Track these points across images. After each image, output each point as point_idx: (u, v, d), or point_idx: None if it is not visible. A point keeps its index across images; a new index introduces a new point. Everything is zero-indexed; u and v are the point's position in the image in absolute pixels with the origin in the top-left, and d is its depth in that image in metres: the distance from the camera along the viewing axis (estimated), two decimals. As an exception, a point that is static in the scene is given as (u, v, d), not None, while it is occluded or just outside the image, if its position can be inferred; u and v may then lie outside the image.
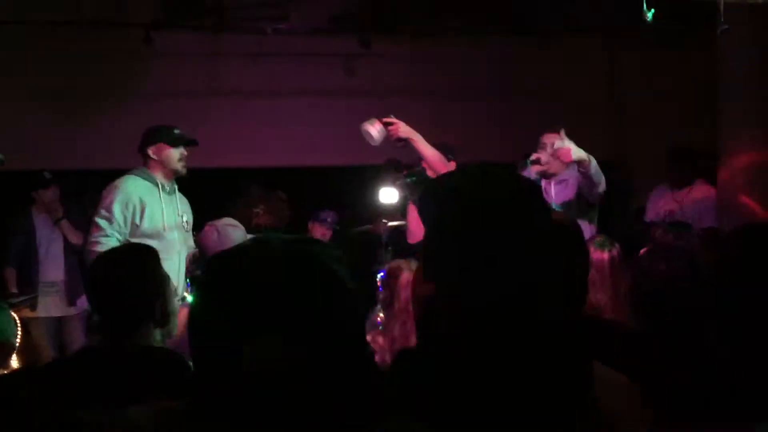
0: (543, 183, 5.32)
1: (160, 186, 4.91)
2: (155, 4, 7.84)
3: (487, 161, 4.09)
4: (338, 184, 8.12)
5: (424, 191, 1.63)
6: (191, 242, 5.04)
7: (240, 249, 1.24)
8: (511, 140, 8.52)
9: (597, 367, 1.51)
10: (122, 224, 4.70)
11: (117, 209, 4.70)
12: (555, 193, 5.35)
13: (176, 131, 5.03)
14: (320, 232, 7.39)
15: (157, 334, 3.10)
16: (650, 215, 6.61)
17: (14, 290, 6.66)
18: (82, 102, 7.78)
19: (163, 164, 4.95)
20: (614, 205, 8.96)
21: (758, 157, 5.89)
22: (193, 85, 8.32)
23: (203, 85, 8.38)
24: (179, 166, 4.97)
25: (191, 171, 7.93)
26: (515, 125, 8.72)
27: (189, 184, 7.34)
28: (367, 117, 4.69)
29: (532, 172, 5.24)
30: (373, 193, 6.50)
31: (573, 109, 8.85)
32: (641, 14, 4.21)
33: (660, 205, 6.55)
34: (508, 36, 8.62)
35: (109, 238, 4.63)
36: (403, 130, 4.66)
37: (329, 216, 7.57)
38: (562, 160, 4.98)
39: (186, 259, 5.01)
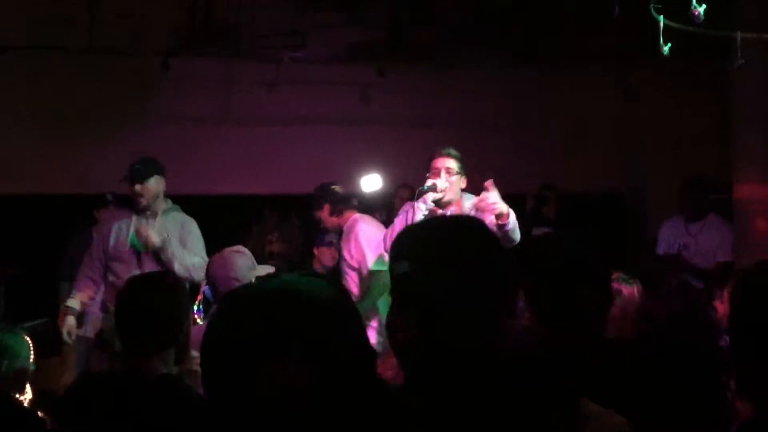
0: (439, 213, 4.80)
1: (135, 214, 5.30)
2: (172, 30, 7.93)
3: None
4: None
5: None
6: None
7: (254, 282, 1.34)
8: (523, 170, 8.57)
9: (591, 406, 1.56)
10: (95, 252, 5.39)
11: (94, 240, 5.48)
12: None
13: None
14: (329, 254, 7.31)
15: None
16: (662, 247, 6.56)
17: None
18: (98, 127, 7.85)
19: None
20: (627, 237, 9.01)
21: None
22: (208, 111, 8.39)
23: (219, 112, 8.45)
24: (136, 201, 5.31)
25: (206, 198, 7.98)
26: (528, 155, 8.76)
27: (205, 209, 7.40)
28: (381, 145, 4.71)
29: (427, 199, 4.71)
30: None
31: (586, 139, 8.89)
32: (657, 47, 4.21)
33: (673, 237, 6.52)
34: (521, 66, 8.67)
35: (93, 261, 5.40)
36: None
37: (333, 237, 7.50)
38: (486, 213, 4.38)
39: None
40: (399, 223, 4.79)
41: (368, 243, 5.55)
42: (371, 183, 7.61)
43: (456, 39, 8.29)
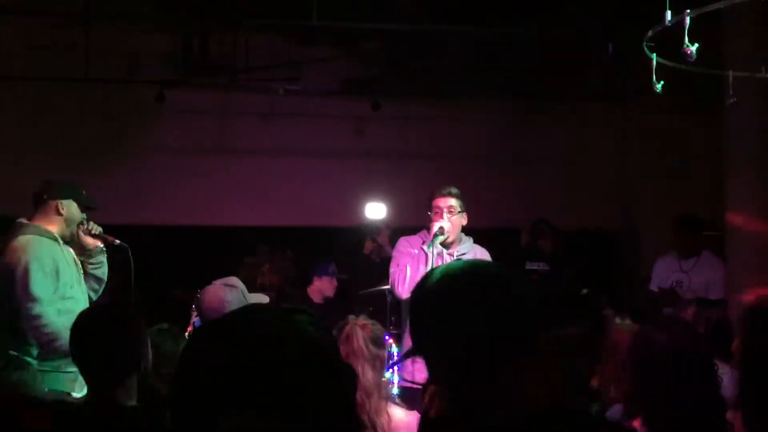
0: (446, 255, 4.68)
1: (60, 242, 4.40)
2: (168, 61, 7.96)
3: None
4: (347, 244, 8.09)
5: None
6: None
7: (224, 321, 1.22)
8: (518, 204, 8.57)
9: None
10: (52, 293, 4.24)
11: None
12: None
13: (84, 192, 4.58)
14: (328, 284, 7.27)
15: None
16: (656, 284, 6.54)
17: None
18: (94, 156, 7.83)
19: (66, 222, 4.46)
20: (620, 274, 8.99)
21: (765, 228, 5.89)
22: (203, 143, 8.39)
23: (213, 143, 8.45)
24: (75, 229, 4.49)
25: (199, 228, 7.96)
26: (523, 189, 8.76)
27: (195, 241, 7.39)
28: (375, 177, 4.66)
29: (437, 243, 4.63)
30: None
31: (581, 177, 8.90)
32: (651, 86, 4.22)
33: (666, 274, 6.50)
34: (517, 102, 8.70)
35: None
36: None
37: (330, 267, 7.46)
38: None
39: None
40: (412, 269, 4.65)
41: None
42: (374, 211, 7.77)
43: (451, 72, 8.33)
